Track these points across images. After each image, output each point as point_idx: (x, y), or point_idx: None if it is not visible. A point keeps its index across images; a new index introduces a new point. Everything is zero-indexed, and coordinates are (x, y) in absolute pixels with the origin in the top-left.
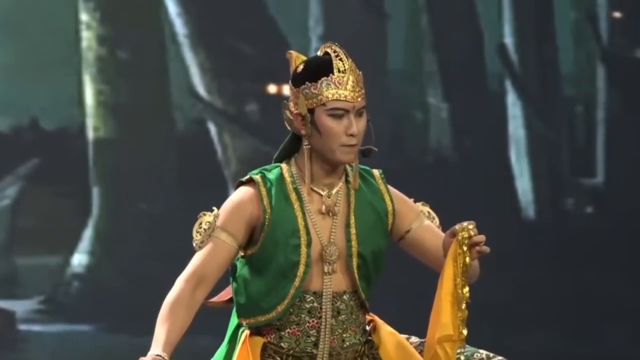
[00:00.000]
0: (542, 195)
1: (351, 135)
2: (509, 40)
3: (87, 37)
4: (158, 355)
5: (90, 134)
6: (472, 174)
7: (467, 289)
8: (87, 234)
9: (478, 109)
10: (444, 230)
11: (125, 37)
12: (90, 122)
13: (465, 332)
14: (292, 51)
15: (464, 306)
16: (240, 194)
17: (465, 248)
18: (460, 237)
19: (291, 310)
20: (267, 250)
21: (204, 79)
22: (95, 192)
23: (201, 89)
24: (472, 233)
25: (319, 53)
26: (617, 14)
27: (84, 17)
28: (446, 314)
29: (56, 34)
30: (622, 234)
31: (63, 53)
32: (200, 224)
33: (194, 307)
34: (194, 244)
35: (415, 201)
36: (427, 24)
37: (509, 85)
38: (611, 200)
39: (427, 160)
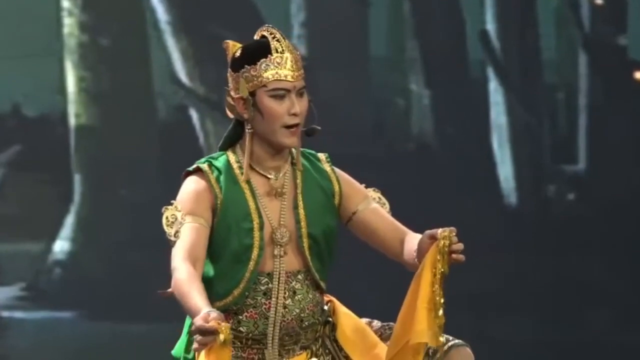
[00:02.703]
0: (523, 182)
1: (293, 114)
2: (490, 27)
3: (69, 24)
4: (207, 312)
5: (72, 121)
6: (454, 161)
7: (441, 294)
8: (69, 221)
9: (460, 96)
10: (395, 217)
11: (107, 24)
12: (72, 109)
13: (442, 339)
14: (228, 41)
15: (441, 312)
16: (193, 184)
17: (445, 256)
18: (441, 245)
19: (247, 293)
20: (220, 236)
21: (186, 66)
22: (77, 179)
23: (183, 76)
24: (453, 241)
25: (255, 37)
26: (598, 1)
27: (65, 3)
28: (422, 321)
29: (37, 20)
30: (603, 221)
31: (45, 40)
32: (167, 218)
33: (200, 279)
34: (169, 237)
35: (395, 188)
36: (409, 10)
37: (490, 72)
38: (593, 187)
39: (409, 147)
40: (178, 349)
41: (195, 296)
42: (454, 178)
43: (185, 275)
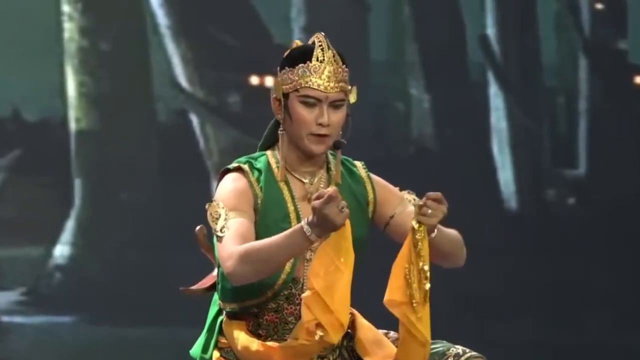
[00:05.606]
0: (524, 187)
1: (320, 124)
2: (490, 31)
3: (69, 28)
4: (305, 225)
5: (72, 125)
6: (454, 165)
7: (423, 260)
8: (69, 225)
9: (460, 100)
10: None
11: (107, 28)
12: (72, 114)
13: (417, 295)
14: (297, 40)
15: (406, 265)
16: (232, 182)
17: (420, 225)
18: (416, 211)
19: (282, 293)
20: (260, 236)
21: (186, 70)
22: (77, 183)
23: (183, 80)
24: (423, 210)
25: (309, 42)
26: (598, 5)
27: (65, 8)
28: (394, 279)
29: (38, 25)
30: (603, 225)
31: (45, 44)
32: (211, 214)
33: None
34: (217, 231)
35: (400, 190)
36: (409, 15)
37: (490, 77)
38: (593, 191)
39: (409, 150)
40: (196, 349)
41: (278, 235)
42: (454, 182)
43: (251, 243)
